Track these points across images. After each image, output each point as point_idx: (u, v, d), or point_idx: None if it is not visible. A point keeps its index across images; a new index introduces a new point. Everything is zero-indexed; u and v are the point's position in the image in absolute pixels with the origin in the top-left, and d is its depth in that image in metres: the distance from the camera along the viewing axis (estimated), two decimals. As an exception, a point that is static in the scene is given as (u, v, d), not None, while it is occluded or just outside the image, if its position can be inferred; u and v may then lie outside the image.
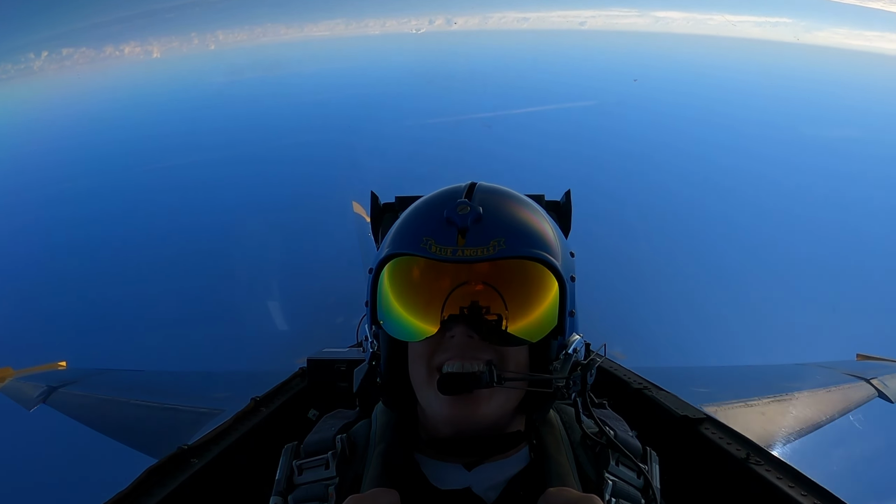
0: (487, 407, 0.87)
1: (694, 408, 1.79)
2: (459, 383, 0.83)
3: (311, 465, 0.95)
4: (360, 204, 11.95)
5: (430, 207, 0.95)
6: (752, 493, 1.35)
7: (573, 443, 0.98)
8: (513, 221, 0.90)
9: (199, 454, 1.45)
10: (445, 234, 0.87)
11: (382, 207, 1.92)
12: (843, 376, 4.60)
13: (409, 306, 0.93)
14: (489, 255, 0.85)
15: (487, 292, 0.89)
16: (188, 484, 1.34)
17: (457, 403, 0.85)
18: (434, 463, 0.93)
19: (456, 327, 0.88)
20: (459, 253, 0.85)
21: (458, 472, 0.91)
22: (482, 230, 0.87)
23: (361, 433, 1.00)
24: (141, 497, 1.23)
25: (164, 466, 1.36)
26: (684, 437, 1.71)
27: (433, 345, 0.90)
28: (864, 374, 3.67)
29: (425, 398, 0.91)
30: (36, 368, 5.69)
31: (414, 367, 0.94)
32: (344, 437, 0.96)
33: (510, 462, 0.93)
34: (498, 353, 0.88)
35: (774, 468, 1.36)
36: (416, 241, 0.89)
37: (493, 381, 0.82)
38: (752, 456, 1.41)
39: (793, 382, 4.80)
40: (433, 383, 0.86)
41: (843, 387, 3.54)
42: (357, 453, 0.97)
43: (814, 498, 1.23)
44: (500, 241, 0.86)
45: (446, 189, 1.00)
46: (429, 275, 0.93)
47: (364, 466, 0.94)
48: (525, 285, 0.91)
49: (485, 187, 0.96)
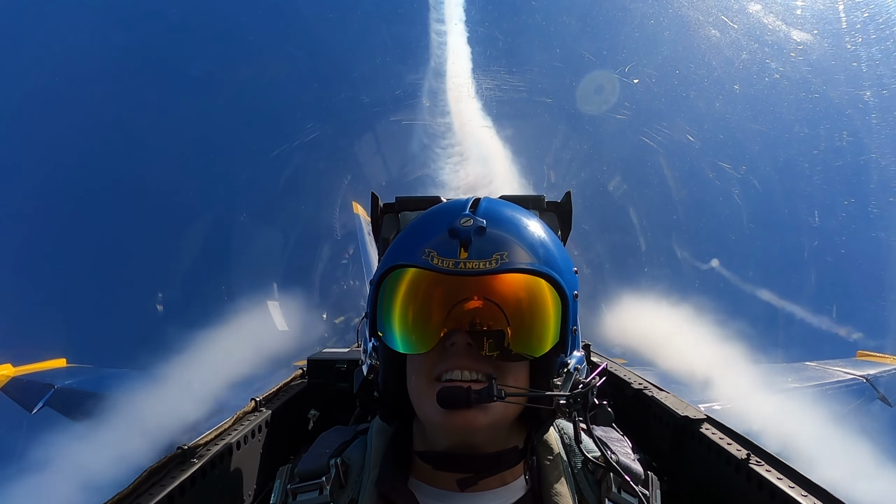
0: (485, 418, 0.85)
1: (694, 408, 1.78)
2: (459, 398, 0.81)
3: (304, 489, 0.93)
4: (360, 204, 11.93)
5: (433, 220, 0.94)
6: (753, 493, 1.35)
7: (573, 467, 0.97)
8: (517, 236, 0.89)
9: (198, 454, 1.45)
10: (448, 246, 0.86)
11: (383, 207, 1.92)
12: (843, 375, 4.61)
13: (409, 318, 0.91)
14: (492, 268, 0.84)
15: (489, 308, 0.88)
16: (188, 484, 1.34)
17: (455, 414, 0.84)
18: (429, 490, 0.92)
19: (457, 336, 0.87)
20: (462, 266, 0.84)
21: (453, 502, 0.90)
22: (485, 243, 0.85)
23: (356, 456, 0.99)
24: (141, 497, 1.22)
25: (163, 466, 1.36)
26: (684, 437, 1.71)
27: (433, 357, 0.89)
28: (864, 373, 3.68)
29: (424, 410, 0.89)
30: (35, 366, 5.70)
31: (413, 379, 0.92)
32: (338, 462, 0.95)
33: (508, 491, 0.92)
34: (498, 367, 0.87)
35: (775, 468, 1.35)
36: (418, 253, 0.87)
37: (493, 396, 0.81)
38: (753, 456, 1.40)
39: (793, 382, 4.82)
40: (433, 395, 0.84)
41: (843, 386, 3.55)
42: (351, 478, 0.95)
43: (814, 498, 1.22)
44: (503, 255, 0.85)
45: (450, 202, 0.99)
46: (430, 287, 0.91)
47: (358, 492, 0.93)
48: (527, 301, 0.89)
49: (489, 201, 0.95)
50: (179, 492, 1.30)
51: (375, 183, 14.28)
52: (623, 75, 14.03)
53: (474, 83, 15.18)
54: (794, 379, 5.16)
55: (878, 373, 5.21)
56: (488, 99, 15.10)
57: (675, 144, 13.82)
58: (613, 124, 14.49)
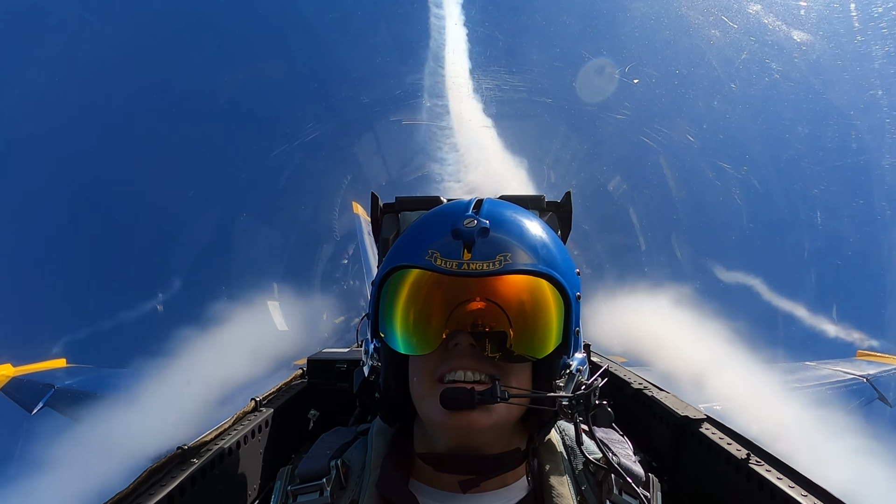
0: (488, 419, 0.85)
1: (694, 408, 1.78)
2: (462, 398, 0.81)
3: (305, 490, 0.93)
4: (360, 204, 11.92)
5: (436, 221, 0.93)
6: (753, 493, 1.35)
7: (575, 469, 0.97)
8: (520, 237, 0.88)
9: (198, 454, 1.44)
10: (451, 247, 0.86)
11: (383, 207, 1.92)
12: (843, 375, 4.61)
13: (412, 319, 0.91)
14: (495, 269, 0.84)
15: (491, 309, 0.88)
16: (188, 484, 1.34)
17: (458, 415, 0.84)
18: (430, 491, 0.92)
19: (460, 337, 0.87)
20: (465, 267, 0.84)
21: (454, 503, 0.90)
22: (489, 244, 0.85)
23: (357, 457, 0.99)
24: (141, 497, 1.22)
25: (163, 466, 1.35)
26: (684, 437, 1.71)
27: (436, 358, 0.88)
28: (864, 373, 3.68)
29: (426, 411, 0.89)
30: (35, 366, 5.70)
31: (415, 380, 0.92)
32: (339, 463, 0.95)
33: (509, 492, 0.92)
34: (500, 369, 0.87)
35: (775, 468, 1.35)
36: (421, 254, 0.87)
37: (496, 396, 0.81)
38: (753, 456, 1.40)
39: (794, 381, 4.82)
40: (435, 396, 0.84)
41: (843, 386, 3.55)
42: (352, 479, 0.95)
43: (814, 498, 1.22)
44: (506, 256, 0.85)
45: (453, 202, 0.99)
46: (433, 288, 0.91)
47: (359, 494, 0.93)
48: (530, 302, 0.89)
49: (492, 202, 0.95)
50: (179, 492, 1.30)
51: (375, 183, 14.28)
52: (623, 75, 14.03)
53: (474, 83, 15.17)
54: (794, 379, 5.16)
55: (878, 373, 5.21)
56: (488, 99, 15.10)
57: (675, 144, 13.82)
58: (613, 124, 14.49)
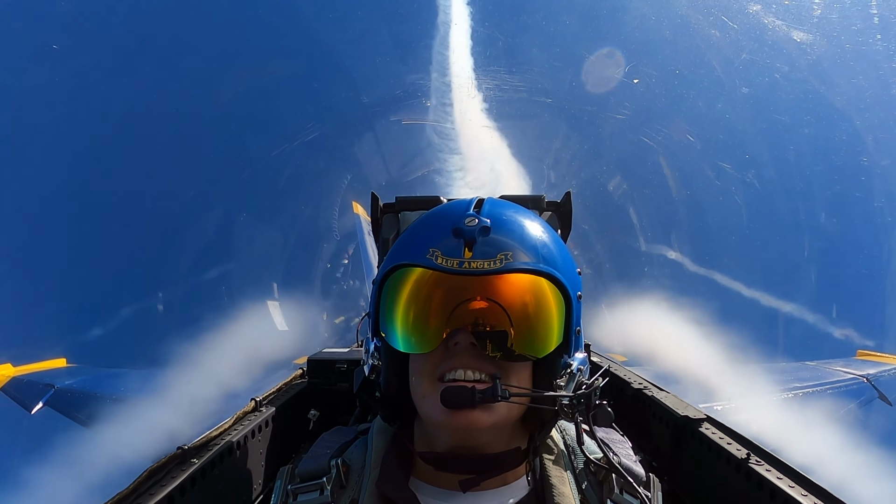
0: (489, 418, 0.85)
1: (694, 408, 1.78)
2: (463, 397, 0.81)
3: (305, 489, 0.93)
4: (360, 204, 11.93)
5: (437, 220, 0.93)
6: (753, 493, 1.35)
7: (576, 468, 0.97)
8: (521, 236, 0.89)
9: (198, 454, 1.44)
10: (452, 246, 0.86)
11: (383, 207, 1.92)
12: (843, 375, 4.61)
13: (412, 318, 0.91)
14: (496, 268, 0.84)
15: (492, 308, 0.88)
16: (188, 484, 1.34)
17: (459, 414, 0.84)
18: (430, 490, 0.92)
19: (460, 335, 0.87)
20: (466, 265, 0.84)
21: (454, 501, 0.90)
22: (489, 244, 0.85)
23: (357, 456, 0.99)
24: (141, 497, 1.22)
25: (163, 466, 1.35)
26: (684, 437, 1.71)
27: (436, 357, 0.88)
28: (864, 373, 3.68)
29: (427, 410, 0.89)
30: (35, 366, 5.70)
31: (416, 379, 0.92)
32: (339, 462, 0.95)
33: (510, 490, 0.92)
34: (501, 368, 0.87)
35: (775, 468, 1.35)
36: (422, 253, 0.87)
37: (497, 395, 0.81)
38: (753, 456, 1.40)
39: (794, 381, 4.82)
40: (436, 395, 0.84)
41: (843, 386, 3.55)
42: (352, 479, 0.95)
43: (814, 498, 1.22)
44: (507, 256, 0.85)
45: (454, 202, 0.99)
46: (434, 287, 0.91)
47: (360, 492, 0.93)
48: (532, 301, 0.89)
49: (493, 202, 0.95)
50: (179, 492, 1.30)
51: (375, 183, 14.28)
52: (623, 75, 14.03)
53: (474, 83, 15.17)
54: (794, 379, 5.17)
55: (878, 373, 5.21)
56: (488, 99, 15.10)
57: (675, 144, 13.83)
58: (613, 124, 14.50)
